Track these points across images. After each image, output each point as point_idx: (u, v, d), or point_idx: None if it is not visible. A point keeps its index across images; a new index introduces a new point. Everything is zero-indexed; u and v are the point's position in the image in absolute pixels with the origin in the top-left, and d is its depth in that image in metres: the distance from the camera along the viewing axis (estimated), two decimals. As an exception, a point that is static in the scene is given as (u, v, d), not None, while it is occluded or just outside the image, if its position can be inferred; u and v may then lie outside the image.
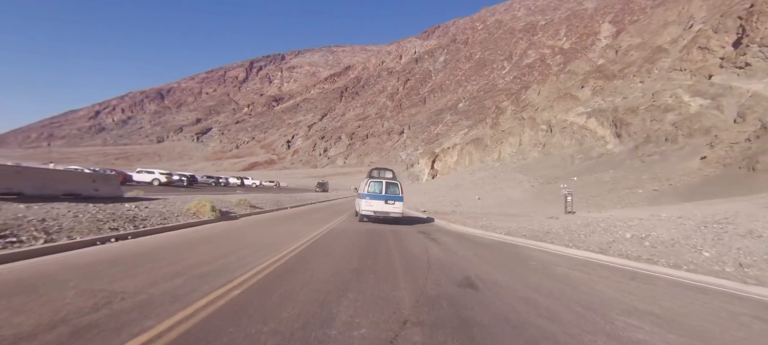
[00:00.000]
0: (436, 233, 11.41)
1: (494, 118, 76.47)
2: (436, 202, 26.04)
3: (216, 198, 14.23)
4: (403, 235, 10.77)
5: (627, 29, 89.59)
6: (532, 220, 14.33)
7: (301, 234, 9.40)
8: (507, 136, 57.60)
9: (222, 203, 13.88)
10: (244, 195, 20.16)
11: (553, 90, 70.43)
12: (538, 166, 40.51)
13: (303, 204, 21.24)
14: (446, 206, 22.82)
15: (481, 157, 61.84)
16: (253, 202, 16.54)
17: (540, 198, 23.54)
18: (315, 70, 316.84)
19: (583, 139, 40.14)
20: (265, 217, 13.84)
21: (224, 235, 8.38)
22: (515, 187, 28.47)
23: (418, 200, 31.63)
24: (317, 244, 7.94)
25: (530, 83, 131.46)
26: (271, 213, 15.07)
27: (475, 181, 33.32)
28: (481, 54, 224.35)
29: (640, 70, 42.73)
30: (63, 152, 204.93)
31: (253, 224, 11.22)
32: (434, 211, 18.98)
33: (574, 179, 20.14)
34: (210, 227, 9.69)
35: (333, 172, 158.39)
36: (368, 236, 10.09)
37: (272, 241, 7.85)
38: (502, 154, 56.11)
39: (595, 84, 53.81)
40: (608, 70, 55.49)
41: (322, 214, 16.47)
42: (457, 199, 24.88)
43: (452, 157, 74.29)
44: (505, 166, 42.77)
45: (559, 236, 9.89)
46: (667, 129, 29.25)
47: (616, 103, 38.79)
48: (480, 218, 15.51)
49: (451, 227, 13.19)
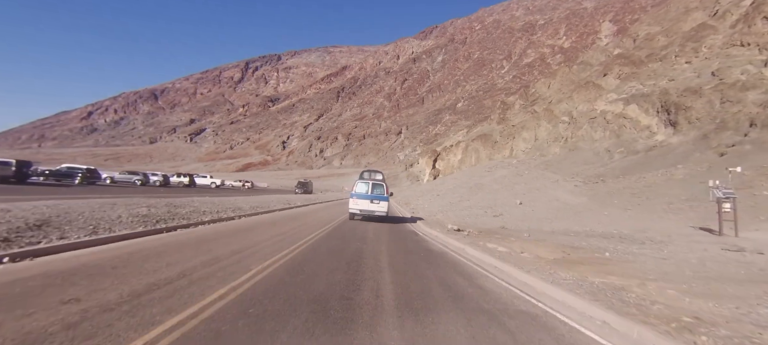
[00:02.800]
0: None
1: (501, 113, 69.10)
2: (454, 208, 18.46)
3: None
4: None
5: (640, 19, 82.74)
6: (679, 248, 6.95)
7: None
8: (520, 130, 50.17)
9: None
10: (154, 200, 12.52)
11: (565, 81, 63.20)
12: (564, 162, 33.07)
13: (253, 213, 13.69)
14: (480, 217, 15.04)
15: (490, 154, 54.37)
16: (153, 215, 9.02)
17: (603, 203, 16.14)
18: (311, 71, 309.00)
19: (621, 131, 32.73)
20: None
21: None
22: (555, 187, 20.94)
23: (429, 206, 23.74)
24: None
25: (531, 82, 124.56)
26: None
27: (498, 179, 25.77)
28: (480, 54, 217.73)
29: (682, 50, 35.62)
30: (50, 153, 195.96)
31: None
32: (477, 230, 11.64)
33: (737, 171, 12.63)
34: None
35: (329, 173, 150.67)
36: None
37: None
38: (515, 150, 48.70)
39: (621, 71, 46.53)
40: (634, 56, 48.25)
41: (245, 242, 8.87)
42: (490, 204, 17.27)
43: (456, 155, 66.82)
44: (526, 163, 35.29)
45: None
46: (752, 111, 21.90)
47: (663, 86, 31.46)
48: (606, 262, 8.14)
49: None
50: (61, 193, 14.54)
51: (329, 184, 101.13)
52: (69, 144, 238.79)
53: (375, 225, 11.61)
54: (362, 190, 14.44)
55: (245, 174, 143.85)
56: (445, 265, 7.02)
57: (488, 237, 9.81)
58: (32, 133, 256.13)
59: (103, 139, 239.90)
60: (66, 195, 13.37)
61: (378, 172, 15.55)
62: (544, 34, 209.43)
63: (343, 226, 12.46)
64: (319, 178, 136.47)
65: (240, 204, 14.93)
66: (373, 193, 14.38)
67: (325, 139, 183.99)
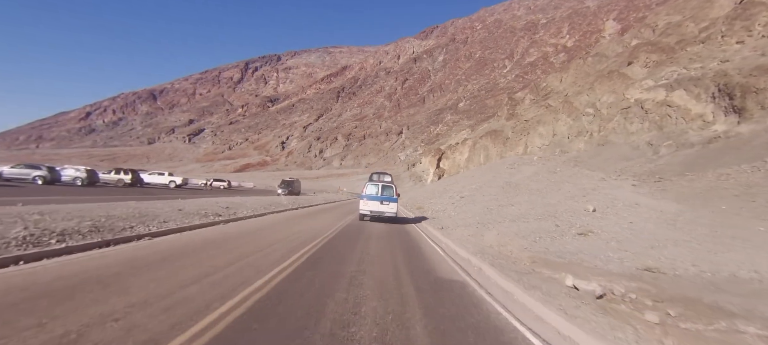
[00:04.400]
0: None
1: (510, 108, 63.90)
2: (497, 217, 12.81)
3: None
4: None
5: (655, 11, 77.58)
6: None
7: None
8: (534, 125, 44.98)
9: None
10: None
11: (581, 74, 58.04)
12: (596, 158, 27.88)
13: (177, 229, 8.53)
14: (553, 237, 9.15)
15: (501, 152, 49.18)
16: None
17: (710, 211, 10.91)
18: (311, 71, 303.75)
19: (664, 121, 27.52)
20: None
21: None
22: (610, 187, 15.72)
23: (455, 213, 17.02)
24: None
25: (533, 80, 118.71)
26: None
27: (531, 177, 20.51)
28: (482, 53, 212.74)
29: (731, 30, 30.55)
30: (45, 154, 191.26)
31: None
32: (622, 287, 5.59)
33: None
34: None
35: (328, 173, 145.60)
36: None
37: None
38: (530, 147, 43.53)
39: (648, 58, 41.35)
40: (661, 43, 43.07)
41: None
42: (549, 212, 11.79)
43: (462, 153, 61.65)
44: (552, 159, 30.08)
45: None
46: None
47: (715, 68, 26.30)
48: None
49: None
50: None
51: (327, 184, 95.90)
52: (67, 145, 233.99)
53: (391, 268, 6.19)
54: (372, 192, 14.66)
55: (243, 175, 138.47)
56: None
57: (698, 314, 4.52)
58: (30, 134, 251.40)
59: (101, 140, 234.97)
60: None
61: (387, 175, 15.70)
62: (546, 33, 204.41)
63: (333, 253, 7.25)
64: (318, 178, 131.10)
65: (173, 215, 9.78)
66: (383, 194, 14.58)
67: (324, 140, 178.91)
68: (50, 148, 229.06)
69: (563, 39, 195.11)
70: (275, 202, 21.55)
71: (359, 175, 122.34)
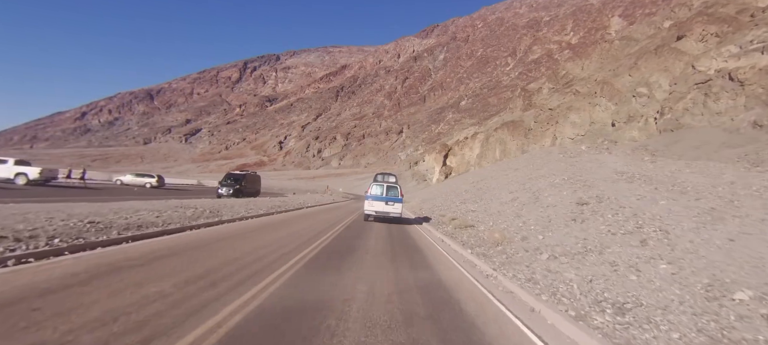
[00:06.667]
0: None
1: (526, 99, 56.10)
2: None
3: None
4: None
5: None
6: None
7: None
8: (565, 113, 37.17)
9: None
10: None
11: (607, 58, 50.27)
12: (675, 147, 20.05)
13: None
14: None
15: (522, 145, 41.37)
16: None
17: None
18: (311, 71, 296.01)
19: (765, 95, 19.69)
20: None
21: None
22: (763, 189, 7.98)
23: (542, 240, 8.53)
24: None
25: (537, 78, 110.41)
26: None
27: (614, 176, 12.50)
28: (483, 51, 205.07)
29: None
30: (37, 155, 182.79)
31: None
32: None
33: None
34: None
35: (327, 173, 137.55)
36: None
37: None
38: (560, 138, 35.70)
39: (705, 30, 33.60)
40: (719, 13, 35.33)
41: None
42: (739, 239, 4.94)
43: (473, 149, 53.85)
44: (620, 147, 22.29)
45: None
46: None
47: None
48: None
49: None
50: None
51: (325, 184, 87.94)
52: (62, 145, 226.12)
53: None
54: (377, 193, 14.75)
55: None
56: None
57: None
58: (25, 134, 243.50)
59: (97, 140, 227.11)
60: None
61: (391, 175, 15.81)
62: (550, 30, 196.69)
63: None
64: (316, 178, 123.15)
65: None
66: (388, 195, 14.64)
67: (323, 139, 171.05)
68: (44, 148, 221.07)
69: (567, 36, 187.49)
70: (222, 207, 13.57)
71: (358, 175, 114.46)
